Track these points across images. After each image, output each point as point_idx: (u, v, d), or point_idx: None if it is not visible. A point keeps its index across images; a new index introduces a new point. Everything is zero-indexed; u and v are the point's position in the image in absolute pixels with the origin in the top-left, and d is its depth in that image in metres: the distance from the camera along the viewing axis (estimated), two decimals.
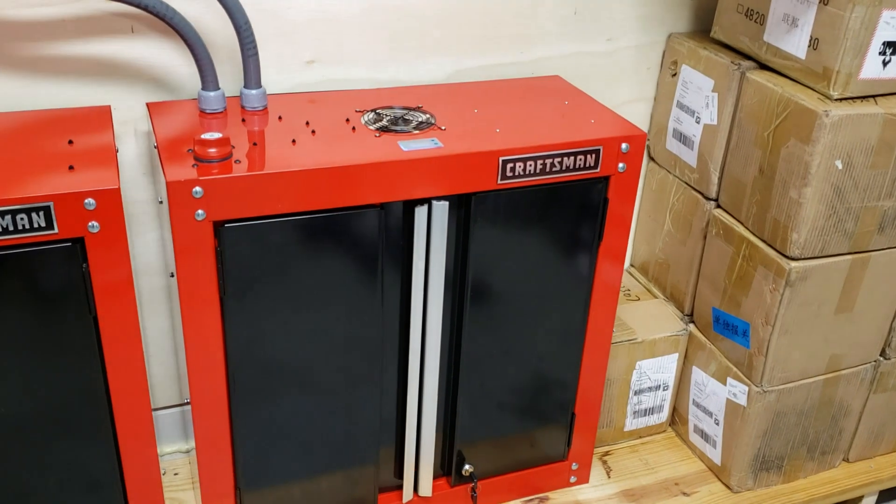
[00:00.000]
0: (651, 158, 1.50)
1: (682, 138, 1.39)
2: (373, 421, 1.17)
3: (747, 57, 1.27)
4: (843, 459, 1.47)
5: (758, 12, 1.23)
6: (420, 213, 1.05)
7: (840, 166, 1.14)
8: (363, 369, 1.12)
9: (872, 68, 1.13)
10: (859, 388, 1.37)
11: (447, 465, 1.27)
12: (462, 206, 1.09)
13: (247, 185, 0.93)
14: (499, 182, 1.07)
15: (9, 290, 0.89)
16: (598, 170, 1.12)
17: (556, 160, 1.09)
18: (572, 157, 1.10)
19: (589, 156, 1.10)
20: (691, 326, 1.42)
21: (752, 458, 1.35)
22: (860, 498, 1.47)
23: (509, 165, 1.06)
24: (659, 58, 1.42)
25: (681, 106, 1.38)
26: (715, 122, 1.31)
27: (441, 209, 1.05)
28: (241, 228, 0.95)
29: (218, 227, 0.94)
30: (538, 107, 1.19)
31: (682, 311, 1.45)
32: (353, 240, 1.02)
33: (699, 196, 1.37)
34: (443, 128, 1.10)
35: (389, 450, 1.23)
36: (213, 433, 1.06)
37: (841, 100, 1.14)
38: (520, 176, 1.08)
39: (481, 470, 1.29)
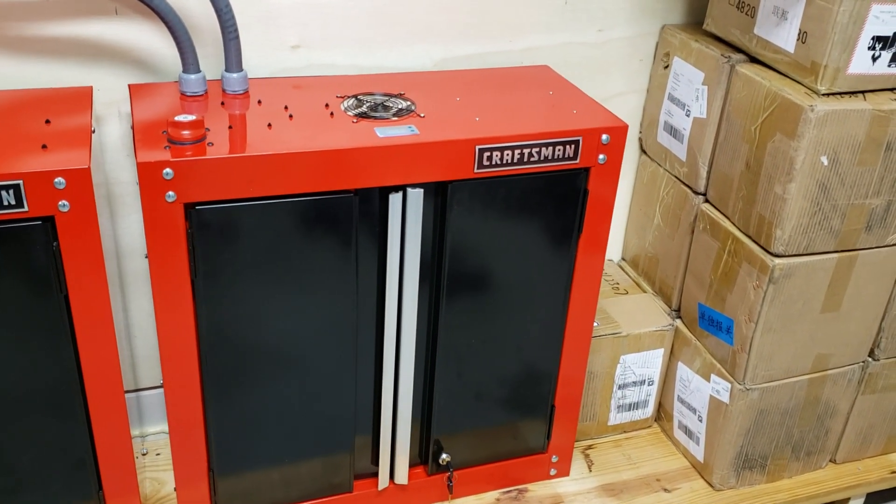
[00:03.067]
0: (643, 151, 1.48)
1: (673, 131, 1.37)
2: (347, 408, 1.17)
3: (738, 50, 1.26)
4: (831, 460, 1.45)
5: (749, 4, 1.21)
6: (395, 200, 1.04)
7: (826, 162, 1.13)
8: (337, 356, 1.12)
9: (861, 63, 1.11)
10: (846, 389, 1.35)
11: (424, 454, 1.27)
12: (439, 194, 1.08)
13: (218, 167, 0.94)
14: (476, 171, 1.06)
15: None
16: (578, 161, 1.11)
17: (535, 150, 1.08)
18: (551, 148, 1.09)
19: (568, 146, 1.10)
20: (678, 322, 1.41)
21: (735, 457, 1.34)
22: (846, 500, 1.45)
23: (486, 154, 1.06)
24: (652, 49, 1.41)
25: (672, 99, 1.37)
26: (704, 116, 1.29)
27: (416, 196, 1.05)
28: (211, 211, 0.95)
29: (189, 209, 0.95)
30: (522, 96, 1.19)
31: (670, 306, 1.44)
32: (326, 225, 1.02)
33: (688, 190, 1.36)
34: (422, 115, 1.09)
35: (366, 437, 1.23)
36: (185, 416, 1.07)
37: (828, 95, 1.12)
38: (497, 165, 1.07)
39: (459, 459, 1.28)
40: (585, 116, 1.13)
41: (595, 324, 1.37)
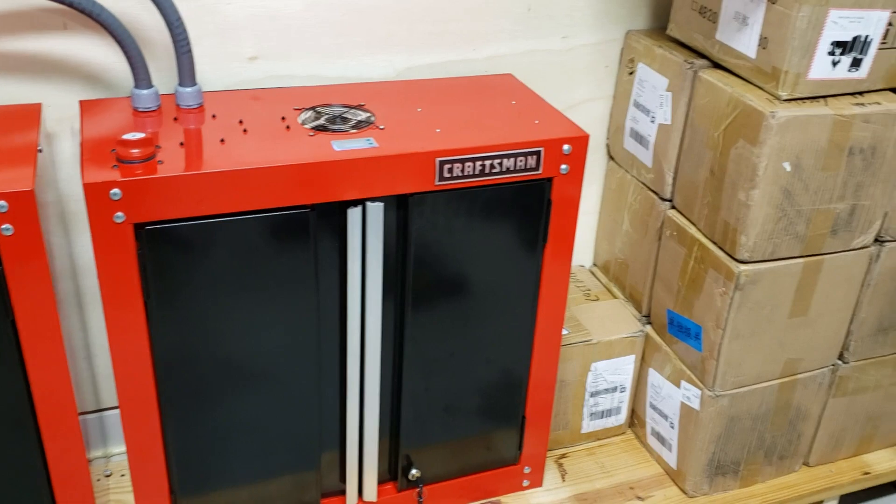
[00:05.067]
0: (611, 157, 1.47)
1: (639, 138, 1.37)
2: (313, 425, 1.15)
3: (702, 55, 1.25)
4: (804, 464, 1.44)
5: (711, 10, 1.21)
6: (354, 214, 1.03)
7: (788, 168, 1.12)
8: (301, 373, 1.10)
9: (821, 68, 1.10)
10: (817, 393, 1.35)
11: (394, 470, 1.26)
12: (400, 207, 1.07)
13: (168, 186, 0.91)
14: (437, 183, 1.05)
15: None
16: (541, 171, 1.10)
17: (496, 161, 1.07)
18: (512, 159, 1.07)
19: (530, 157, 1.08)
20: (648, 328, 1.40)
21: (707, 463, 1.33)
22: (820, 503, 1.45)
23: (447, 166, 1.04)
24: (617, 55, 1.40)
25: (637, 105, 1.36)
26: (669, 122, 1.28)
27: (376, 210, 1.03)
28: (163, 231, 0.93)
29: (139, 229, 0.92)
30: (484, 106, 1.17)
31: (640, 312, 1.43)
32: (283, 242, 1.00)
33: (655, 196, 1.35)
34: (381, 127, 1.08)
35: (333, 454, 1.21)
36: (144, 438, 1.05)
37: (790, 100, 1.11)
38: (459, 177, 1.06)
39: (431, 474, 1.27)
40: (547, 127, 1.12)
41: (565, 331, 1.36)
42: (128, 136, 0.93)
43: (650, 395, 1.41)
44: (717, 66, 1.22)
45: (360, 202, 1.03)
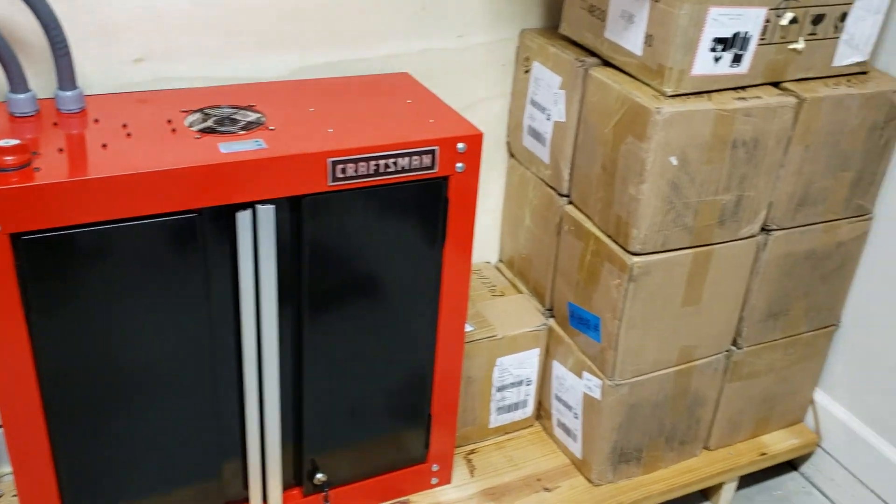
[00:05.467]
0: (511, 155, 1.49)
1: (536, 135, 1.39)
2: (211, 433, 1.12)
3: (593, 53, 1.28)
4: (704, 448, 1.50)
5: (599, 9, 1.23)
6: (243, 217, 1.01)
7: (675, 162, 1.15)
8: (195, 381, 1.08)
9: (704, 64, 1.14)
10: (713, 378, 1.40)
11: (299, 475, 1.24)
12: (293, 209, 1.05)
13: (45, 194, 0.88)
14: (330, 184, 1.04)
15: None
16: (436, 170, 1.10)
17: (391, 161, 1.07)
18: (407, 158, 1.07)
19: (425, 156, 1.09)
20: (551, 321, 1.43)
21: (611, 451, 1.36)
22: (720, 485, 1.50)
23: (339, 167, 1.04)
24: (513, 54, 1.41)
25: (533, 103, 1.38)
26: (564, 119, 1.31)
27: (266, 213, 1.02)
28: (41, 241, 0.90)
29: (16, 240, 0.89)
30: (379, 105, 1.17)
31: (544, 306, 1.45)
32: (169, 248, 0.98)
33: (553, 192, 1.37)
34: (272, 128, 1.06)
35: (236, 462, 1.19)
36: (31, 457, 1.01)
37: (675, 96, 1.15)
38: (352, 177, 1.05)
39: (337, 477, 1.26)
40: (442, 125, 1.12)
41: (470, 328, 1.37)
42: (1, 143, 0.89)
43: (555, 387, 1.44)
44: (607, 63, 1.25)
45: (251, 205, 1.01)
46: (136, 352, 1.02)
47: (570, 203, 1.34)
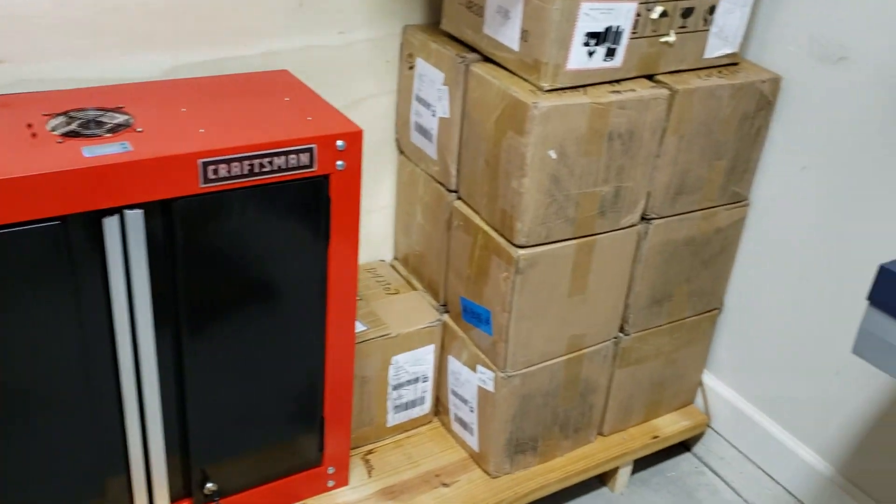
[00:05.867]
0: (401, 152, 1.49)
1: (423, 131, 1.39)
2: (91, 450, 1.08)
3: (473, 49, 1.28)
4: (599, 434, 1.53)
5: (477, 4, 1.24)
6: (110, 224, 0.97)
7: (554, 156, 1.17)
8: (68, 397, 1.03)
9: (578, 59, 1.16)
10: (603, 365, 1.43)
11: (189, 486, 1.21)
12: (165, 213, 1.02)
13: None
14: (201, 186, 1.01)
15: None
16: (315, 168, 1.08)
17: (266, 160, 1.04)
18: (283, 157, 1.05)
19: (302, 154, 1.07)
20: (446, 317, 1.43)
21: (506, 443, 1.38)
22: (616, 469, 1.54)
23: (211, 168, 1.01)
24: (397, 50, 1.41)
25: (419, 99, 1.38)
26: (448, 116, 1.31)
27: (135, 219, 0.98)
28: None
29: None
30: (255, 104, 1.14)
31: (438, 302, 1.46)
32: (32, 259, 0.93)
33: (442, 188, 1.37)
34: (139, 130, 1.02)
35: (120, 478, 1.14)
36: None
37: (552, 91, 1.16)
38: (226, 178, 1.03)
39: (230, 485, 1.23)
40: (320, 123, 1.11)
41: (364, 327, 1.36)
42: None
43: (451, 382, 1.44)
44: (487, 59, 1.26)
45: (118, 211, 0.98)
46: (3, 368, 0.97)
47: (459, 198, 1.35)
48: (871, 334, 0.97)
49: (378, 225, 1.55)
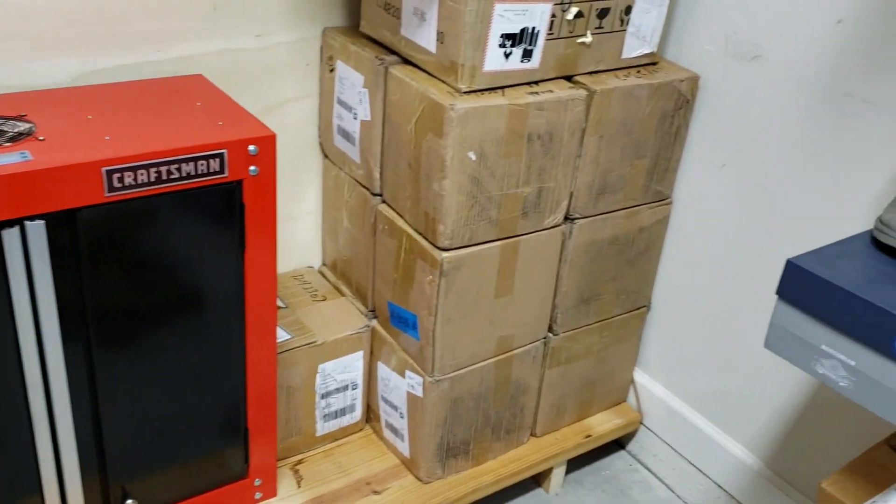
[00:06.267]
0: (325, 156, 1.47)
1: (346, 135, 1.37)
2: None
3: (393, 51, 1.27)
4: (532, 435, 1.53)
5: (394, 6, 1.23)
6: (10, 235, 0.93)
7: (474, 157, 1.17)
8: None
9: (495, 60, 1.16)
10: (533, 366, 1.43)
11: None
12: (70, 224, 0.99)
13: None
14: (106, 194, 0.98)
15: None
16: (227, 174, 1.06)
17: (174, 167, 1.02)
18: (192, 163, 1.03)
19: (212, 160, 1.04)
20: (374, 322, 1.42)
21: (437, 447, 1.37)
22: (550, 470, 1.54)
23: (116, 176, 0.98)
24: (318, 53, 1.39)
25: (341, 102, 1.36)
26: (369, 118, 1.30)
27: (36, 230, 0.94)
28: None
29: None
30: (165, 110, 1.11)
31: (367, 307, 1.44)
32: None
33: (366, 192, 1.36)
34: (41, 138, 0.99)
35: (35, 498, 1.10)
36: None
37: (469, 93, 1.16)
38: (132, 186, 1.00)
39: (154, 501, 1.20)
40: (231, 127, 1.08)
41: (288, 335, 1.34)
42: None
43: (381, 388, 1.43)
44: (406, 61, 1.25)
45: (18, 222, 0.94)
46: None
47: (384, 202, 1.34)
48: (781, 328, 0.98)
49: (305, 231, 1.52)
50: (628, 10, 1.27)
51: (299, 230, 1.52)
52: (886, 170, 1.19)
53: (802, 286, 0.94)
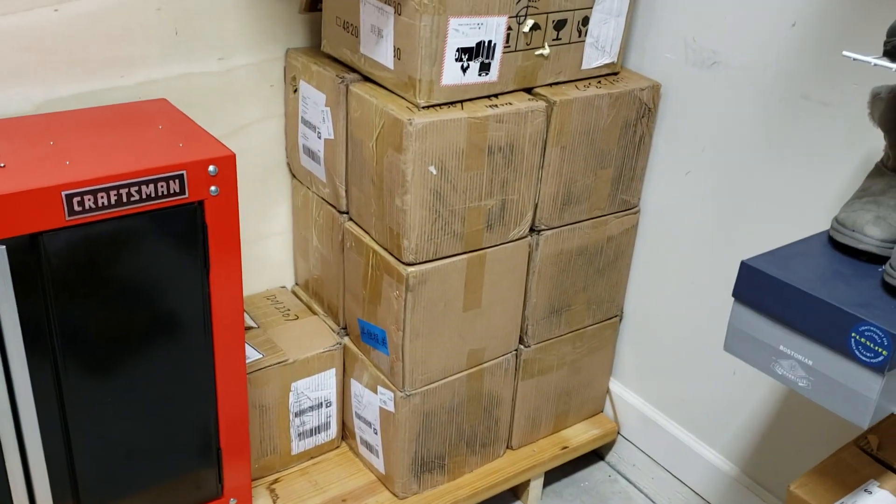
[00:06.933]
0: (293, 175, 1.48)
1: (311, 154, 1.38)
2: None
3: (354, 70, 1.29)
4: (508, 447, 1.53)
5: (353, 25, 1.24)
6: None
7: (434, 171, 1.18)
8: None
9: (452, 75, 1.17)
10: (505, 378, 1.43)
11: None
12: (33, 249, 0.99)
13: None
14: (68, 218, 0.99)
15: None
16: (188, 195, 1.07)
17: (133, 189, 1.02)
18: (152, 185, 1.04)
19: (172, 182, 1.05)
20: (346, 339, 1.42)
21: (411, 462, 1.37)
22: (527, 482, 1.54)
23: (76, 199, 0.98)
24: (281, 74, 1.40)
25: (305, 122, 1.37)
26: (333, 137, 1.31)
27: None
28: None
29: None
30: (126, 134, 1.12)
31: (339, 325, 1.44)
32: None
33: (334, 210, 1.37)
34: (2, 165, 1.00)
35: None
36: None
37: (428, 107, 1.17)
38: (93, 210, 1.00)
39: None
40: (191, 149, 1.09)
41: (259, 355, 1.34)
42: None
43: (354, 405, 1.43)
44: (367, 79, 1.27)
45: None
46: None
47: (350, 219, 1.35)
48: (739, 330, 0.99)
49: (276, 251, 1.53)
50: (585, 21, 1.29)
51: (271, 250, 1.53)
52: (846, 168, 1.20)
53: (757, 287, 0.95)
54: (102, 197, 1.01)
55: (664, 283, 1.50)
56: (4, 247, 0.96)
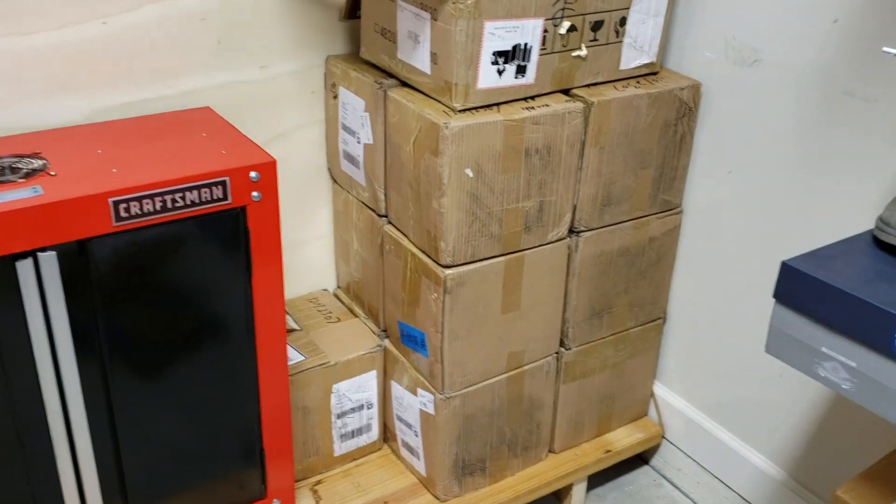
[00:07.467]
0: (334, 180, 1.50)
1: (351, 159, 1.40)
2: (24, 498, 1.07)
3: (391, 75, 1.30)
4: (550, 451, 1.52)
5: (390, 31, 1.26)
6: (24, 267, 0.97)
7: (471, 174, 1.18)
8: None
9: (488, 78, 1.18)
10: (546, 381, 1.43)
11: None
12: (82, 254, 1.03)
13: None
14: (115, 224, 1.02)
15: None
16: (230, 201, 1.09)
17: (178, 195, 1.05)
18: (196, 191, 1.06)
19: (215, 188, 1.08)
20: (387, 342, 1.43)
21: (453, 465, 1.37)
22: (570, 486, 1.53)
23: (122, 206, 1.02)
24: (322, 81, 1.43)
25: (345, 127, 1.39)
26: (372, 142, 1.32)
27: (49, 261, 0.98)
28: None
29: None
30: (171, 142, 1.16)
31: (379, 328, 1.46)
32: None
33: (373, 214, 1.38)
34: (53, 173, 1.04)
35: None
36: None
37: (465, 111, 1.18)
38: (139, 216, 1.03)
39: None
40: (233, 156, 1.12)
41: (302, 357, 1.36)
42: None
43: (395, 407, 1.44)
44: (404, 84, 1.28)
45: (31, 254, 0.98)
46: None
47: (389, 223, 1.36)
48: (780, 331, 0.97)
49: (317, 254, 1.55)
50: (623, 21, 1.28)
51: (313, 253, 1.55)
52: (891, 165, 1.17)
53: (798, 288, 0.94)
54: (148, 203, 1.04)
55: (709, 284, 1.48)
56: (55, 253, 0.99)
